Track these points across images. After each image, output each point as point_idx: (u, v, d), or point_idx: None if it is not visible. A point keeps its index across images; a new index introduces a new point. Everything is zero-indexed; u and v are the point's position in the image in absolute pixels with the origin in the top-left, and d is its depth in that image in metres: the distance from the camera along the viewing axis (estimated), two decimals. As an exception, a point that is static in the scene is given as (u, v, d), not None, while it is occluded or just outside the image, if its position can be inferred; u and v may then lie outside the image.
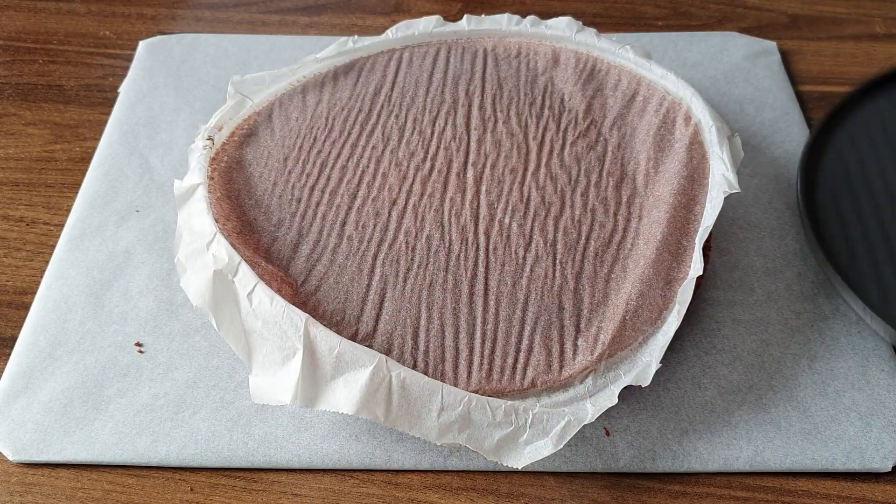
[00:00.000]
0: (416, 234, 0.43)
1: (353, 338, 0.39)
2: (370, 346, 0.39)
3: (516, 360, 0.39)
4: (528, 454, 0.36)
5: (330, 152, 0.48)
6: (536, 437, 0.36)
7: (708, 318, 0.45)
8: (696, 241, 0.42)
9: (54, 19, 0.65)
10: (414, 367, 0.38)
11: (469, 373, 0.38)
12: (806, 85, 0.59)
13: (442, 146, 0.48)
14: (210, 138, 0.47)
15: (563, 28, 0.54)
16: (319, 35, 0.63)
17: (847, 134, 0.51)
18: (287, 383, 0.36)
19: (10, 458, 0.39)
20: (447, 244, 0.43)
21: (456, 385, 0.38)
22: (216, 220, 0.42)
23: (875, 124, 0.51)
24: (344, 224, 0.44)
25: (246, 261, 0.40)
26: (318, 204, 0.45)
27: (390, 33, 0.55)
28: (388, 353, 0.39)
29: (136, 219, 0.49)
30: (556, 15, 0.55)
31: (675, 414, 0.41)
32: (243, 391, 0.41)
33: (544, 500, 0.38)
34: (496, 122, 0.49)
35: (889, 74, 0.53)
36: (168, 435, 0.40)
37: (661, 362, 0.38)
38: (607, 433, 0.40)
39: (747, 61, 0.60)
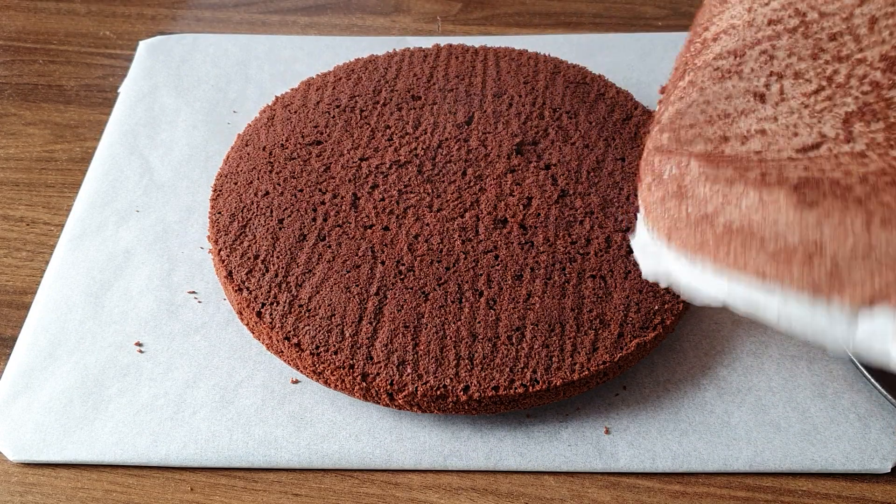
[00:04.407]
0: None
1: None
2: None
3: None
4: None
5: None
6: None
7: (707, 319, 0.45)
8: None
9: (54, 19, 0.65)
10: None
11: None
12: (806, 85, 0.59)
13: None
14: None
15: None
16: (319, 35, 0.63)
17: None
18: None
19: (10, 458, 0.39)
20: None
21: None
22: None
23: None
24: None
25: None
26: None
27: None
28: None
29: (136, 219, 0.49)
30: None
31: (674, 414, 0.41)
32: (243, 391, 0.41)
33: (544, 499, 0.38)
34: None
35: None
36: (168, 435, 0.40)
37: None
38: (607, 432, 0.40)
39: (747, 62, 0.60)
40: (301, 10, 0.66)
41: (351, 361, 0.39)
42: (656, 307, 0.41)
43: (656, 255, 0.31)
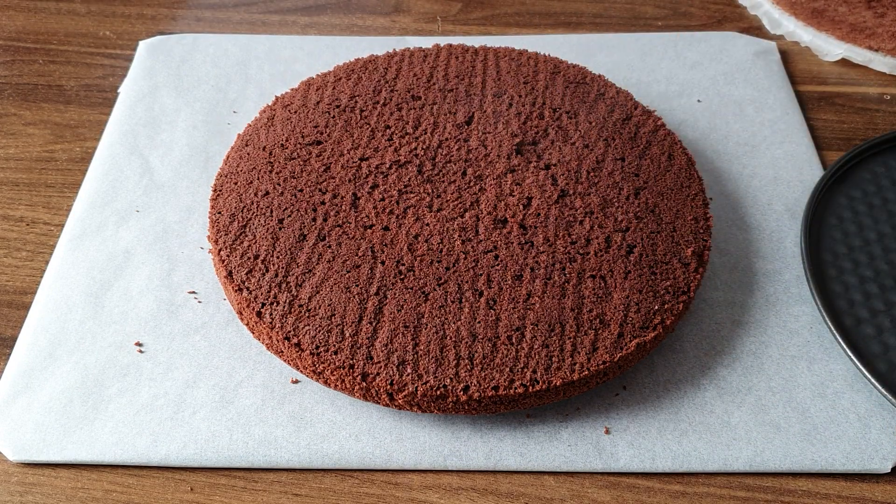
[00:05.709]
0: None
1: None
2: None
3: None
4: None
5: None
6: None
7: (707, 320, 0.45)
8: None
9: (54, 19, 0.65)
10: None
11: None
12: (806, 85, 0.59)
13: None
14: None
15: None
16: (319, 35, 0.63)
17: (859, 182, 0.50)
18: None
19: (10, 458, 0.39)
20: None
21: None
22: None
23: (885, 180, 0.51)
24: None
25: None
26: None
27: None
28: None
29: (136, 219, 0.49)
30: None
31: (674, 414, 0.41)
32: (243, 391, 0.41)
33: (544, 500, 0.38)
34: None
35: None
36: (168, 435, 0.40)
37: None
38: (607, 432, 0.40)
39: (747, 61, 0.60)
40: (301, 10, 0.66)
41: (351, 361, 0.39)
42: (656, 307, 0.41)
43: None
